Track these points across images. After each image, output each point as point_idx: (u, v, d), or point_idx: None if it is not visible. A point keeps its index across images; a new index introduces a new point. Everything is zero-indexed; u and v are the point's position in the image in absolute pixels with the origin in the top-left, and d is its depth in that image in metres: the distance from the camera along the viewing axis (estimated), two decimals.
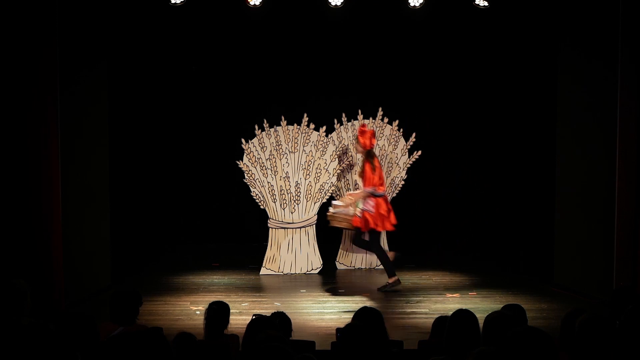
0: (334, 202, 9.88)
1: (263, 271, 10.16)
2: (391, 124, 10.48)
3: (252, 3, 9.43)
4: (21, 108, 7.84)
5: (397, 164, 10.49)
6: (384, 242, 10.29)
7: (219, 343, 5.12)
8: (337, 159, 10.15)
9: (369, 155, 9.38)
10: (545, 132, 9.96)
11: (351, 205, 9.53)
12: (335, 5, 9.51)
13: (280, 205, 10.09)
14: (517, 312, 5.12)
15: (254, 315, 5.12)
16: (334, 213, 9.71)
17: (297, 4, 10.45)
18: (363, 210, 9.27)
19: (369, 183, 9.24)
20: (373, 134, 9.53)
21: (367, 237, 9.49)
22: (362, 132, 9.44)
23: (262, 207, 10.17)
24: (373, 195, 9.24)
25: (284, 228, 10.17)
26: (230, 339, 5.30)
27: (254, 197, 10.13)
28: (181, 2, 9.33)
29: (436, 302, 8.66)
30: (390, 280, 9.23)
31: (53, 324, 4.25)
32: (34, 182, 7.88)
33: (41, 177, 7.91)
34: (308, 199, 10.11)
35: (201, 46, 11.48)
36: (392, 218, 9.37)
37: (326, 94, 11.40)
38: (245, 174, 10.04)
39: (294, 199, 10.09)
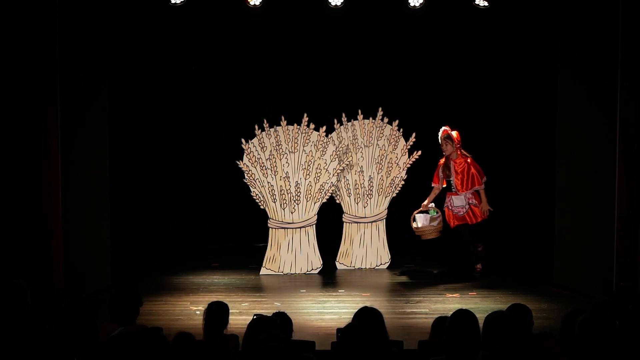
0: (424, 216, 10.21)
1: (263, 271, 10.16)
2: (391, 124, 10.48)
3: (252, 3, 9.43)
4: (21, 108, 7.84)
5: (397, 164, 10.49)
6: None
7: (218, 343, 5.12)
8: (337, 159, 10.15)
9: (462, 154, 10.10)
10: (545, 132, 9.96)
11: (438, 216, 10.18)
12: (335, 5, 9.51)
13: (280, 205, 10.09)
14: (521, 312, 5.10)
15: (254, 315, 5.12)
16: (427, 227, 10.10)
17: (297, 4, 10.45)
18: (469, 205, 9.93)
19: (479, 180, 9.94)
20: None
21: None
22: (457, 134, 10.03)
23: (262, 207, 10.17)
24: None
25: (284, 228, 10.17)
26: (230, 339, 5.30)
27: (254, 197, 10.13)
28: (181, 2, 9.33)
29: (436, 302, 8.66)
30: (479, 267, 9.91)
31: (52, 324, 4.25)
32: (34, 182, 7.88)
33: (41, 177, 7.91)
34: (308, 199, 10.11)
35: (201, 46, 11.48)
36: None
37: (326, 94, 11.39)
38: (245, 174, 10.04)
39: (294, 199, 10.09)
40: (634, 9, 8.22)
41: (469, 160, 10.04)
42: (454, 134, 10.03)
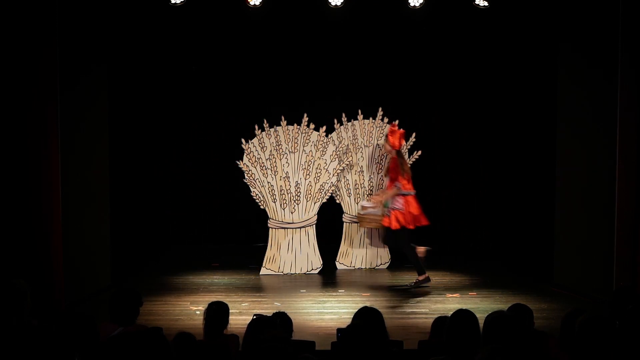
0: (363, 203, 9.98)
1: (263, 271, 10.16)
2: (391, 124, 10.47)
3: (252, 3, 9.43)
4: (21, 108, 7.83)
5: None
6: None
7: (218, 343, 5.12)
8: (337, 159, 10.15)
9: (398, 155, 9.53)
10: (546, 132, 9.96)
11: (380, 205, 9.66)
12: (335, 5, 9.51)
13: (280, 205, 10.09)
14: (521, 312, 5.10)
15: (254, 315, 5.12)
16: (363, 214, 9.83)
17: (297, 4, 10.45)
18: (392, 209, 9.37)
19: (394, 182, 9.44)
20: (403, 135, 9.67)
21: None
22: (393, 132, 9.62)
23: (262, 207, 10.17)
24: (402, 194, 9.37)
25: (284, 228, 10.17)
26: (230, 339, 5.30)
27: (254, 197, 10.13)
28: (181, 2, 9.33)
29: (436, 302, 8.66)
30: (420, 278, 9.33)
31: (52, 324, 4.25)
32: (34, 182, 7.88)
33: (41, 177, 7.90)
34: (308, 199, 10.11)
35: (201, 46, 11.48)
36: (423, 216, 9.46)
37: (326, 94, 11.40)
38: (245, 174, 10.04)
39: (294, 199, 10.09)
40: (633, 11, 8.21)
41: (395, 160, 9.54)
42: (396, 134, 9.60)
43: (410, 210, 9.33)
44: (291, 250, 10.20)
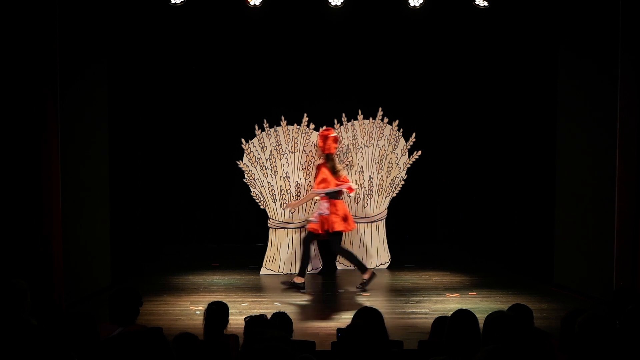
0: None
1: (263, 271, 10.16)
2: (391, 124, 10.48)
3: (252, 3, 9.44)
4: (21, 107, 7.82)
5: (397, 164, 10.49)
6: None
7: (218, 343, 5.12)
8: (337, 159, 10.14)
9: (327, 159, 9.53)
10: (546, 132, 9.96)
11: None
12: (335, 5, 9.52)
13: (280, 205, 10.09)
14: (521, 312, 5.10)
15: (245, 318, 5.13)
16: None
17: (297, 4, 10.45)
18: (319, 214, 9.40)
19: (318, 185, 9.47)
20: (335, 140, 9.62)
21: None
22: (324, 137, 9.59)
23: (262, 207, 10.17)
24: (330, 197, 9.38)
25: (284, 228, 10.17)
26: (230, 339, 5.30)
27: (254, 197, 10.13)
28: (181, 2, 9.34)
29: (436, 302, 8.66)
30: (365, 276, 9.32)
31: (52, 324, 4.25)
32: (33, 181, 7.87)
33: (41, 177, 7.89)
34: None
35: (201, 46, 11.47)
36: (338, 222, 9.38)
37: (326, 94, 11.39)
38: (245, 174, 10.04)
39: (294, 199, 10.09)
40: (633, 11, 8.21)
41: (321, 164, 9.61)
42: (328, 139, 9.54)
43: (335, 214, 9.34)
44: (291, 250, 10.20)
